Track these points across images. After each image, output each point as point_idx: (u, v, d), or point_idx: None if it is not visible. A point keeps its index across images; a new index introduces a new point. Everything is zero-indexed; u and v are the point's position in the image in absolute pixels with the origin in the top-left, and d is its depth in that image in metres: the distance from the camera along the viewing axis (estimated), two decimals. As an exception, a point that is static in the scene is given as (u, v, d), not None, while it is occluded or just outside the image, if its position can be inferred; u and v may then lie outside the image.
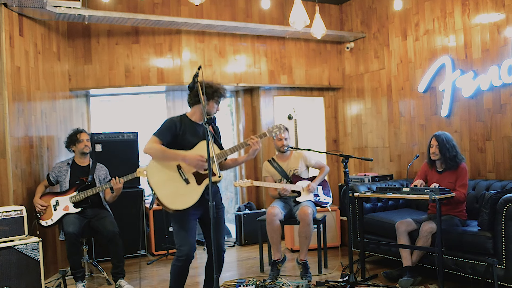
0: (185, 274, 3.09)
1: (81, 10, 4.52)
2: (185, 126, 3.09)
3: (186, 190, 3.00)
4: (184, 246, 2.99)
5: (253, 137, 3.12)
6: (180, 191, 3.00)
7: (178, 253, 3.01)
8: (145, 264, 4.92)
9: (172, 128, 3.05)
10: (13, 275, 3.34)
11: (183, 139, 3.05)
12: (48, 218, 4.05)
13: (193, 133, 3.10)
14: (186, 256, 2.98)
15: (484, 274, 3.42)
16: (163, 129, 3.05)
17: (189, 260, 3.02)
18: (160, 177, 3.02)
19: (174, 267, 3.05)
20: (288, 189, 4.27)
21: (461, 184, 3.82)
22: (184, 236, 3.00)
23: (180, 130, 3.06)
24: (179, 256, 3.00)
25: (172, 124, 3.07)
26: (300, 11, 4.17)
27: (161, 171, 3.02)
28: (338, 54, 6.44)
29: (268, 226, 4.18)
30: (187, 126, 3.10)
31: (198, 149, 3.03)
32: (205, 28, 5.45)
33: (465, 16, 4.66)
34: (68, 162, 4.31)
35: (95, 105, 5.86)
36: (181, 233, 3.02)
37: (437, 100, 4.99)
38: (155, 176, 3.03)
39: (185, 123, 3.11)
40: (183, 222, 3.02)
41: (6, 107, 3.85)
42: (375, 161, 5.91)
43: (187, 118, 3.15)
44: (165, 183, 3.01)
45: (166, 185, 3.00)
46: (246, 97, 6.33)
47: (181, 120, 3.12)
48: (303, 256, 4.14)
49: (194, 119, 3.15)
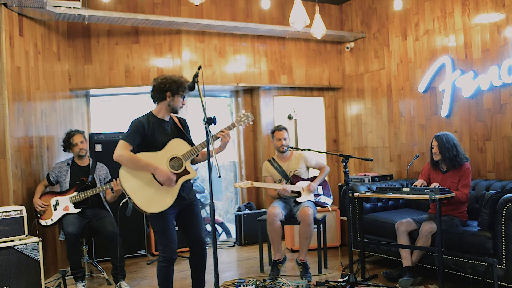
0: (171, 275, 3.12)
1: (81, 10, 4.52)
2: (153, 125, 3.04)
3: (162, 192, 2.98)
4: (167, 247, 3.03)
5: (223, 130, 3.10)
6: (156, 193, 2.97)
7: (162, 254, 3.05)
8: (145, 264, 4.92)
9: (140, 129, 2.99)
10: (13, 275, 3.34)
11: (153, 139, 3.02)
12: (48, 218, 4.05)
13: (162, 131, 3.07)
14: (170, 256, 3.04)
15: (484, 274, 3.42)
16: (131, 132, 2.98)
17: (173, 260, 3.08)
18: (134, 182, 2.97)
19: (161, 269, 3.07)
20: (288, 189, 4.27)
21: (464, 184, 3.81)
22: (166, 237, 3.04)
23: (148, 131, 3.01)
24: (164, 257, 3.05)
25: (139, 125, 3.00)
26: (300, 11, 4.17)
27: (135, 176, 2.98)
28: (338, 54, 6.44)
29: (269, 226, 4.18)
30: (155, 125, 3.05)
31: (168, 147, 3.03)
32: (205, 28, 5.45)
33: (465, 16, 4.66)
34: (68, 163, 4.31)
35: (95, 105, 5.85)
36: (163, 234, 3.05)
37: (437, 100, 4.99)
38: (129, 182, 2.97)
39: (153, 122, 3.05)
40: (163, 224, 3.03)
41: (6, 107, 3.85)
42: (375, 161, 5.91)
43: (153, 116, 3.10)
44: (141, 188, 2.97)
45: (141, 189, 2.97)
46: (246, 97, 6.32)
47: (148, 119, 3.05)
48: (303, 256, 4.14)
49: (160, 116, 3.11)
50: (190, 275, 3.33)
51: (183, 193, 3.09)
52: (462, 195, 3.75)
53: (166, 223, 3.03)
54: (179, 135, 3.14)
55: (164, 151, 3.02)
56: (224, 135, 3.08)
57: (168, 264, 3.06)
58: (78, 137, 4.25)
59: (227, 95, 6.49)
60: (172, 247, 3.04)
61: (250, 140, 6.30)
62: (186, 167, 3.03)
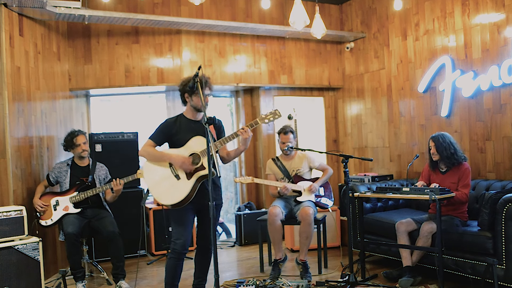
0: (179, 269, 3.19)
1: (81, 10, 4.52)
2: (180, 124, 3.22)
3: (177, 185, 3.11)
4: (179, 239, 3.12)
5: (243, 127, 3.18)
6: (172, 187, 3.12)
7: (173, 245, 3.14)
8: (145, 264, 4.92)
9: (165, 129, 3.22)
10: (13, 275, 3.34)
11: (178, 138, 3.18)
12: (48, 218, 4.05)
13: (189, 130, 3.19)
14: (180, 249, 3.11)
15: (484, 274, 3.42)
16: (157, 131, 3.23)
17: (182, 253, 3.14)
18: (154, 176, 3.19)
19: (169, 260, 3.17)
20: (288, 188, 4.28)
21: (464, 185, 3.82)
22: (180, 230, 3.14)
23: (174, 130, 3.20)
24: (174, 248, 3.14)
25: (165, 125, 3.24)
26: (300, 11, 4.17)
27: (155, 170, 3.19)
28: (338, 54, 6.44)
29: (269, 226, 4.18)
30: (183, 125, 3.22)
31: (189, 144, 3.15)
32: (205, 28, 5.45)
33: (465, 16, 4.66)
34: (67, 163, 4.31)
35: (95, 105, 5.86)
36: (177, 227, 3.16)
37: (437, 100, 4.99)
38: (149, 176, 3.21)
39: (181, 122, 3.23)
40: (179, 217, 3.16)
41: (6, 107, 3.85)
42: (375, 161, 5.91)
43: (183, 117, 3.27)
44: (159, 181, 3.16)
45: (159, 183, 3.16)
46: (246, 97, 6.32)
47: (177, 119, 3.26)
48: (303, 256, 4.14)
49: (189, 117, 3.26)
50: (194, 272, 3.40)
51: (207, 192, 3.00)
52: (462, 195, 3.75)
53: (182, 217, 3.15)
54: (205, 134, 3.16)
55: (185, 148, 3.16)
56: (243, 132, 3.15)
57: (176, 257, 3.14)
58: (81, 138, 4.25)
59: (227, 95, 6.49)
60: (182, 240, 3.12)
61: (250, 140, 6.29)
62: (203, 163, 3.10)
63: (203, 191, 3.10)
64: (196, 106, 3.19)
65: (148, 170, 3.21)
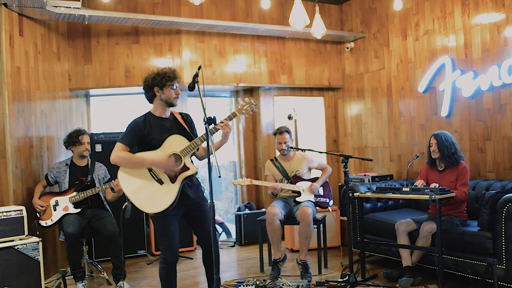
0: (173, 276, 3.07)
1: (81, 10, 4.52)
2: (150, 124, 3.00)
3: (162, 191, 2.91)
4: (168, 249, 2.97)
5: (222, 120, 2.99)
6: (156, 193, 2.91)
7: (163, 255, 3.00)
8: (145, 264, 4.92)
9: (135, 130, 2.96)
10: (13, 275, 3.34)
11: (150, 138, 2.97)
12: (48, 219, 4.05)
13: (161, 129, 3.00)
14: (170, 258, 2.99)
15: (484, 274, 3.42)
16: (127, 134, 2.97)
17: (174, 262, 3.02)
18: (133, 184, 2.94)
19: (162, 270, 3.03)
20: (278, 187, 4.26)
21: (462, 183, 3.83)
22: (167, 240, 2.98)
23: (145, 130, 2.97)
24: (165, 259, 2.99)
25: (135, 126, 2.98)
26: (300, 11, 4.17)
27: (133, 177, 2.94)
28: (338, 54, 6.44)
29: (268, 226, 4.18)
30: (153, 123, 3.01)
31: (166, 145, 2.96)
32: (205, 28, 5.45)
33: (465, 16, 4.66)
34: (66, 163, 4.30)
35: (95, 105, 5.86)
36: (164, 236, 2.99)
37: (437, 100, 4.99)
38: (128, 184, 2.95)
39: (150, 121, 3.01)
40: (165, 225, 2.97)
41: (6, 107, 3.85)
42: (375, 161, 5.91)
43: (151, 115, 3.05)
44: (140, 188, 2.93)
45: (140, 190, 2.93)
46: (246, 97, 6.32)
47: (146, 119, 3.02)
48: (303, 257, 4.14)
49: (158, 114, 3.05)
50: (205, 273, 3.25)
51: (188, 191, 3.01)
52: (461, 194, 3.76)
53: (168, 224, 2.97)
54: (180, 132, 3.05)
55: (162, 149, 2.96)
56: (223, 126, 2.95)
57: (168, 266, 3.02)
58: (86, 137, 4.28)
59: (227, 95, 6.49)
60: (172, 249, 2.98)
61: (250, 140, 6.30)
62: (186, 163, 2.93)
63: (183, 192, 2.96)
64: (168, 99, 2.99)
65: (125, 178, 2.94)
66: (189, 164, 2.95)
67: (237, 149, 6.37)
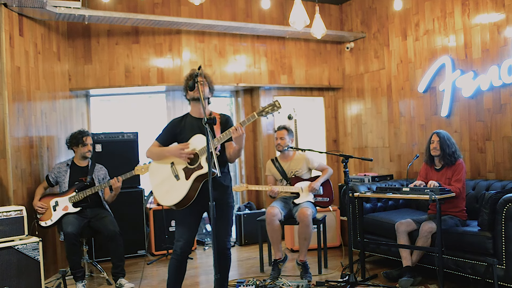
0: (181, 270, 3.10)
1: (81, 10, 4.52)
2: (185, 123, 3.16)
3: (176, 186, 3.07)
4: (179, 240, 3.06)
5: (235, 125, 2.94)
6: (171, 187, 3.09)
7: (174, 246, 3.09)
8: (145, 264, 4.92)
9: (170, 129, 3.19)
10: (13, 275, 3.34)
11: (182, 137, 3.13)
12: (48, 219, 4.05)
13: (191, 129, 3.12)
14: (180, 250, 3.04)
15: (484, 274, 3.42)
16: (162, 132, 3.21)
17: (184, 255, 3.07)
18: (157, 177, 3.17)
19: (170, 261, 3.10)
20: (275, 190, 4.26)
21: (456, 179, 3.85)
22: (181, 231, 3.09)
23: (178, 129, 3.16)
24: (175, 249, 3.07)
25: (171, 125, 3.20)
26: (300, 11, 4.17)
27: (159, 171, 3.17)
28: (338, 54, 6.44)
29: (268, 226, 4.17)
30: (188, 123, 3.16)
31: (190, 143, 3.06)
32: (205, 28, 5.45)
33: (465, 16, 4.66)
34: (67, 163, 4.31)
35: (95, 105, 5.86)
36: (179, 228, 3.13)
37: (437, 100, 4.99)
38: (153, 176, 3.20)
39: (186, 121, 3.18)
40: (181, 218, 3.11)
41: (6, 107, 3.85)
42: (375, 161, 5.91)
43: (189, 116, 3.21)
44: (161, 182, 3.14)
45: (161, 184, 3.14)
46: (246, 97, 6.32)
47: (183, 119, 3.21)
48: (303, 257, 4.14)
49: (194, 115, 3.19)
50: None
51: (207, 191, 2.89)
52: (455, 190, 3.77)
53: (183, 217, 3.10)
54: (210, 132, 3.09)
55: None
56: (234, 131, 2.91)
57: (176, 258, 3.06)
58: (90, 139, 4.31)
59: (227, 95, 6.48)
60: (181, 242, 3.05)
61: (250, 140, 6.30)
62: (201, 162, 3.01)
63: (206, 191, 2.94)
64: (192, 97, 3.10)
65: (153, 171, 3.21)
66: (204, 163, 2.99)
67: (237, 149, 6.36)
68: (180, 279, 3.13)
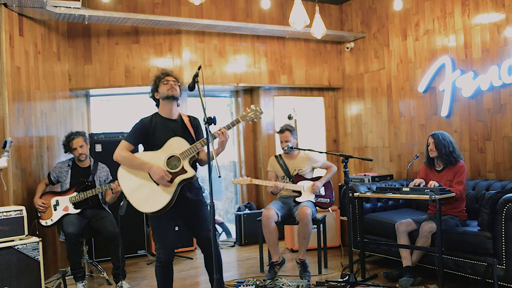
0: (169, 275, 3.09)
1: (81, 10, 4.52)
2: (156, 124, 3.07)
3: (157, 192, 2.96)
4: (161, 248, 3.02)
5: (221, 128, 3.00)
6: (151, 193, 2.97)
7: (157, 255, 3.05)
8: (145, 264, 4.92)
9: (141, 129, 3.06)
10: (13, 275, 3.34)
11: (154, 137, 3.04)
12: (48, 218, 4.05)
13: (166, 130, 3.06)
14: (163, 258, 3.02)
15: (484, 274, 3.42)
16: (132, 132, 3.07)
17: (168, 262, 3.05)
18: (131, 182, 3.01)
19: (157, 269, 3.07)
20: (279, 186, 4.25)
21: (458, 181, 3.84)
22: (162, 239, 3.03)
23: (150, 129, 3.05)
24: (158, 258, 3.04)
25: (141, 125, 3.08)
26: (300, 11, 4.17)
27: (132, 176, 3.02)
28: (338, 54, 6.44)
29: (264, 229, 4.17)
30: (158, 124, 3.08)
31: (167, 146, 3.01)
32: (205, 28, 5.45)
33: (465, 16, 4.66)
34: (68, 163, 4.30)
35: (95, 105, 5.85)
36: (159, 235, 3.04)
37: (437, 100, 4.99)
38: (126, 182, 3.03)
39: (156, 121, 3.09)
40: (160, 225, 3.03)
41: (6, 107, 3.85)
42: (375, 161, 5.91)
43: (158, 116, 3.13)
44: (137, 187, 2.99)
45: (137, 189, 2.99)
46: (246, 97, 6.32)
47: (152, 118, 3.11)
48: (302, 256, 4.14)
49: (164, 115, 3.12)
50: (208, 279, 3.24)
51: (187, 194, 3.03)
52: (456, 192, 3.76)
53: (163, 224, 3.02)
54: (184, 134, 3.08)
55: (163, 150, 3.01)
56: (219, 134, 2.96)
57: (163, 265, 3.04)
58: (78, 141, 4.21)
59: (227, 95, 6.49)
60: (165, 249, 3.02)
61: (250, 140, 6.30)
62: (184, 166, 2.97)
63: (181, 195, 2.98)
64: (163, 95, 3.05)
65: (124, 176, 3.03)
66: (188, 167, 2.98)
67: (237, 149, 6.37)
68: (171, 283, 3.12)
